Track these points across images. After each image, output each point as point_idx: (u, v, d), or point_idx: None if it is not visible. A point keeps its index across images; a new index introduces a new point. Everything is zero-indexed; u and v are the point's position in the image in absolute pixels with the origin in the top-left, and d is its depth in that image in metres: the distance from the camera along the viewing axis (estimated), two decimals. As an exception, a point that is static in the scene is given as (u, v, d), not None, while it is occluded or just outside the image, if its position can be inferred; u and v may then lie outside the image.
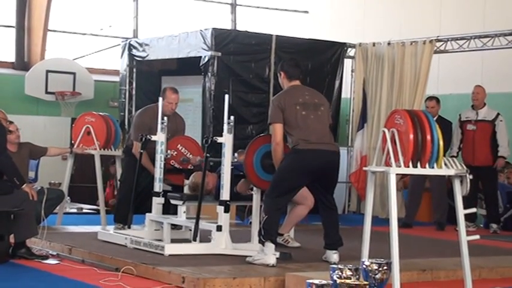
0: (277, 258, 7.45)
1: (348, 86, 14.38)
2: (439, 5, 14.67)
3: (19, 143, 9.53)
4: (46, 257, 7.89)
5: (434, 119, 11.13)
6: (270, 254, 7.40)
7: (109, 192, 13.32)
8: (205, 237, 8.14)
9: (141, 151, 8.93)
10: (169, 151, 8.94)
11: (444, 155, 6.57)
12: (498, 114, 11.64)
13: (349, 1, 16.56)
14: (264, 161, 7.95)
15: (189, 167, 9.04)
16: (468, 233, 6.69)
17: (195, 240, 8.01)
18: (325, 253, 7.75)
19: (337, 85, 13.58)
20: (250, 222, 8.41)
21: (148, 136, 8.82)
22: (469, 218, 10.76)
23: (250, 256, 7.54)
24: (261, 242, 7.51)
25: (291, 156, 7.55)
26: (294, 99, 7.67)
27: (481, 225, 12.02)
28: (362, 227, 6.50)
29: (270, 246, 7.43)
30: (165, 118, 8.83)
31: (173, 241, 8.38)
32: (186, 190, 8.76)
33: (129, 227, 8.99)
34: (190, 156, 9.07)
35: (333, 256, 7.63)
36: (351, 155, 14.18)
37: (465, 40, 13.03)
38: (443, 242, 10.13)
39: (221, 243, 7.91)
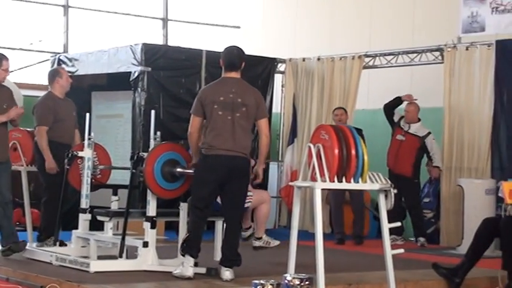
0: (203, 274, 7.52)
1: (278, 101, 14.45)
2: (368, 21, 14.82)
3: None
4: (-31, 276, 7.73)
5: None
6: (187, 267, 7.43)
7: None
8: (133, 254, 8.08)
9: (67, 167, 8.82)
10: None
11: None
12: (429, 133, 11.73)
13: (280, 17, 16.64)
14: (164, 169, 7.85)
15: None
16: (395, 247, 6.76)
17: (121, 256, 7.94)
18: (220, 269, 7.57)
19: (268, 100, 13.62)
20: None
21: (75, 152, 8.76)
22: (396, 231, 10.87)
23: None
24: (182, 254, 7.55)
25: (198, 162, 7.58)
26: (215, 96, 7.52)
27: (411, 239, 12.10)
28: (289, 241, 6.53)
29: (188, 259, 7.46)
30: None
31: (100, 258, 8.29)
32: (113, 206, 8.69)
33: (54, 244, 8.86)
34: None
35: (225, 273, 7.44)
36: (281, 170, 14.22)
37: (393, 56, 13.18)
38: (371, 256, 10.18)
39: (147, 260, 7.85)
